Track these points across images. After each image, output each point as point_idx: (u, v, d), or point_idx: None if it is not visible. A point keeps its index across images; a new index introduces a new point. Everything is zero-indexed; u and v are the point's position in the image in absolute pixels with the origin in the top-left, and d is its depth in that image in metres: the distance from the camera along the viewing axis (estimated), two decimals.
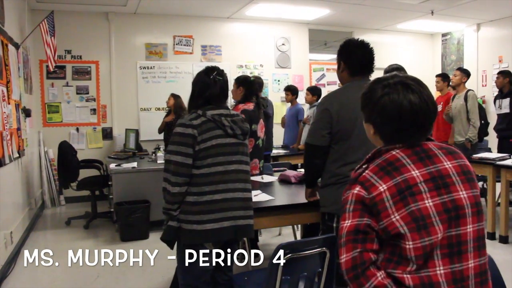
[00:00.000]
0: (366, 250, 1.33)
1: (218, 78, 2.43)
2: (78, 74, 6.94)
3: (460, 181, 1.37)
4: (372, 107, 1.45)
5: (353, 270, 1.32)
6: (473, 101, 5.59)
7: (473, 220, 1.35)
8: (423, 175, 1.34)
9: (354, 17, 7.91)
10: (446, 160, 1.39)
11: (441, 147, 1.44)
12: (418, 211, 1.30)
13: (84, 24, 6.94)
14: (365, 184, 1.36)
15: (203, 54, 7.66)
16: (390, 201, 1.31)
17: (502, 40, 8.16)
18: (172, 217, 2.30)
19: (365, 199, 1.34)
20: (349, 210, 1.37)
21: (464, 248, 1.32)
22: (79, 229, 5.41)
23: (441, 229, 1.30)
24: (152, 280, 3.84)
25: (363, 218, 1.34)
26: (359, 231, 1.34)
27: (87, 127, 7.07)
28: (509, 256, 4.29)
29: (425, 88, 1.42)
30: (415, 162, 1.36)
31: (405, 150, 1.39)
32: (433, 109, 1.41)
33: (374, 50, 2.69)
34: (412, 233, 1.29)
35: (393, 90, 1.40)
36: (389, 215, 1.31)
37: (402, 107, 1.37)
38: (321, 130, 2.56)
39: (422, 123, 1.39)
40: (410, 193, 1.31)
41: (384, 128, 1.44)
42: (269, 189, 3.41)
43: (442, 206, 1.32)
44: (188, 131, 2.26)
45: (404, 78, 1.43)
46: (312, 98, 6.43)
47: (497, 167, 4.64)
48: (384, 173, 1.35)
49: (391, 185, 1.32)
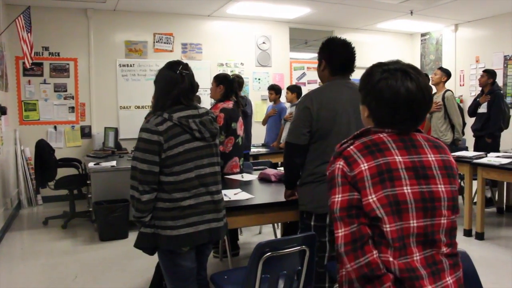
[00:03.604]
0: (362, 223, 1.34)
1: (185, 72, 2.31)
2: (56, 71, 6.83)
3: (440, 175, 1.40)
4: (369, 90, 1.46)
5: (352, 244, 1.34)
6: (451, 102, 5.67)
7: (448, 213, 1.39)
8: (405, 162, 1.37)
9: (335, 16, 7.96)
10: (430, 153, 1.42)
11: (428, 139, 1.47)
12: (393, 196, 1.33)
13: (62, 20, 6.83)
14: (348, 160, 1.38)
15: (184, 52, 7.62)
16: (369, 181, 1.33)
17: (479, 40, 8.32)
18: (145, 224, 2.24)
19: (347, 176, 1.37)
20: (338, 184, 1.38)
21: (437, 237, 1.37)
22: (57, 229, 5.33)
23: (414, 216, 1.34)
24: (132, 279, 3.81)
25: (353, 192, 1.35)
26: (353, 206, 1.35)
27: (65, 125, 6.96)
28: (484, 253, 4.37)
29: (424, 77, 1.43)
30: (400, 149, 1.39)
31: (392, 136, 1.42)
32: (428, 99, 1.43)
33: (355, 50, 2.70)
34: (388, 217, 1.31)
35: (392, 76, 1.41)
36: (367, 195, 1.33)
37: (398, 93, 1.39)
38: (301, 129, 2.56)
39: (416, 111, 1.41)
40: (389, 177, 1.34)
41: (378, 112, 1.45)
42: (249, 188, 3.41)
43: (420, 194, 1.35)
44: (154, 137, 2.15)
45: (404, 66, 1.44)
46: (292, 96, 6.46)
47: (473, 165, 4.73)
48: (368, 152, 1.37)
49: (373, 165, 1.35)
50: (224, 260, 4.16)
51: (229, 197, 2.99)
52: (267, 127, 6.99)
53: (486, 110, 5.90)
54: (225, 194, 2.88)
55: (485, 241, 4.71)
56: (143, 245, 2.28)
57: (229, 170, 3.94)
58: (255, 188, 3.47)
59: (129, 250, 4.40)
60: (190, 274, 2.36)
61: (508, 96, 7.71)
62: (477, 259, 1.85)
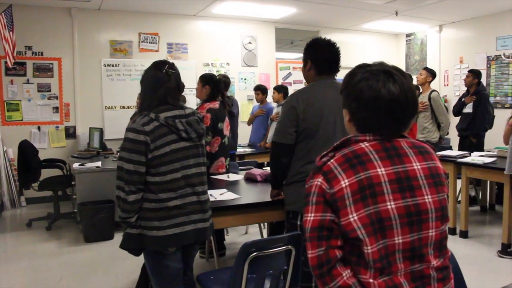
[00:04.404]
0: (331, 247, 1.29)
1: (171, 71, 2.30)
2: (39, 71, 6.73)
3: (427, 185, 1.34)
4: (350, 90, 1.39)
5: (319, 269, 1.29)
6: (438, 102, 5.73)
7: (436, 225, 1.33)
8: (388, 174, 1.29)
9: (321, 17, 7.98)
10: (415, 161, 1.35)
11: (413, 145, 1.39)
12: (375, 214, 1.26)
13: (46, 19, 6.73)
14: (328, 176, 1.30)
15: (169, 52, 7.58)
16: (350, 198, 1.26)
17: (463, 41, 8.43)
18: (131, 225, 2.22)
19: (326, 194, 1.29)
20: (312, 203, 1.32)
21: (425, 250, 1.31)
22: (41, 230, 5.26)
23: (399, 232, 1.27)
24: (117, 281, 3.78)
25: (327, 213, 1.29)
26: (324, 227, 1.29)
27: (49, 126, 6.86)
28: (468, 250, 4.43)
29: (408, 80, 1.37)
30: (383, 159, 1.32)
31: (375, 145, 1.34)
32: (412, 103, 1.35)
33: (340, 50, 2.71)
34: (369, 238, 1.25)
35: (373, 77, 1.34)
36: (347, 214, 1.26)
37: (379, 95, 1.32)
38: (288, 128, 2.56)
39: (398, 115, 1.34)
40: (371, 193, 1.27)
41: (359, 114, 1.37)
42: (235, 188, 3.41)
43: (405, 209, 1.28)
44: (140, 137, 2.14)
45: (388, 67, 1.38)
46: (279, 96, 6.47)
47: (458, 164, 4.78)
48: (349, 166, 1.29)
49: (354, 181, 1.27)
50: (211, 261, 4.15)
51: (215, 197, 2.98)
52: (253, 127, 6.99)
53: (472, 110, 5.97)
54: (211, 194, 2.88)
55: (469, 239, 4.76)
56: (129, 246, 2.27)
57: (215, 170, 3.93)
58: (241, 188, 3.47)
59: (114, 251, 4.36)
60: (177, 274, 2.35)
61: (491, 96, 7.81)
62: (461, 256, 1.87)
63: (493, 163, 4.54)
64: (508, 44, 7.62)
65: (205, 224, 2.35)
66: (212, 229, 2.45)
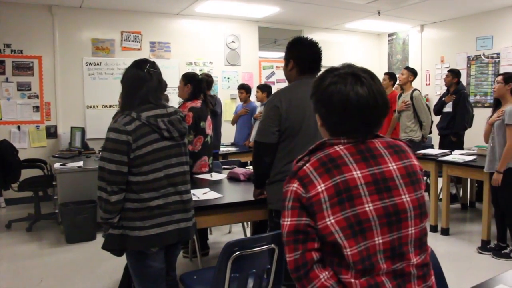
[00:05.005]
0: (307, 250, 1.29)
1: (153, 70, 2.28)
2: (19, 69, 6.61)
3: (403, 184, 1.34)
4: (319, 96, 1.39)
5: (296, 272, 1.30)
6: (420, 101, 5.80)
7: (415, 223, 1.34)
8: (364, 177, 1.29)
9: (304, 16, 8.01)
10: (391, 161, 1.35)
11: (388, 145, 1.39)
12: (354, 217, 1.26)
13: (25, 17, 6.61)
14: (304, 181, 1.29)
15: (152, 51, 7.52)
16: (327, 202, 1.26)
17: (444, 41, 8.54)
18: (113, 226, 2.20)
19: (302, 198, 1.29)
20: (288, 208, 1.32)
21: (405, 249, 1.32)
22: (21, 232, 5.18)
23: (379, 233, 1.28)
24: (100, 282, 3.74)
25: (302, 217, 1.29)
26: (299, 231, 1.29)
27: (29, 125, 6.75)
28: (449, 247, 4.49)
29: (377, 82, 1.36)
30: (358, 162, 1.31)
31: (349, 148, 1.34)
32: (382, 104, 1.34)
33: (323, 49, 2.73)
34: (348, 240, 1.25)
35: (341, 80, 1.33)
36: (324, 217, 1.26)
37: (348, 98, 1.31)
38: (271, 127, 2.56)
39: (368, 117, 1.33)
40: (348, 197, 1.26)
41: (329, 119, 1.38)
42: (218, 187, 3.40)
43: (383, 210, 1.28)
44: (122, 137, 2.11)
45: (356, 70, 1.37)
46: (262, 95, 6.47)
47: (439, 162, 4.85)
48: (324, 170, 1.29)
49: (330, 185, 1.27)
50: (194, 260, 4.14)
51: (198, 196, 2.97)
52: (237, 126, 6.98)
53: (451, 109, 6.05)
54: (194, 194, 2.87)
55: (450, 236, 4.83)
56: (111, 247, 2.25)
57: (198, 170, 3.92)
58: (224, 187, 3.46)
59: (97, 252, 4.31)
60: (159, 274, 2.33)
61: (471, 95, 7.94)
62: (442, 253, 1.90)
63: (473, 161, 4.61)
64: (487, 44, 7.75)
65: (188, 224, 2.34)
66: (195, 229, 2.44)
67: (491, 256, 4.18)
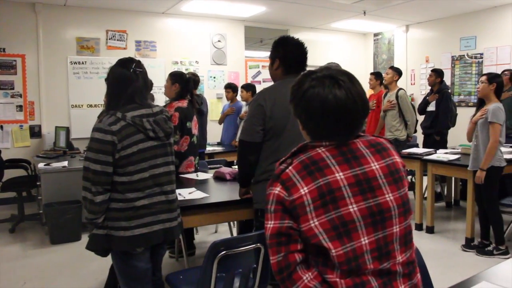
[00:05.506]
0: (290, 252, 1.30)
1: (138, 70, 2.27)
2: (1, 68, 6.50)
3: (386, 183, 1.34)
4: (298, 101, 1.37)
5: (279, 274, 1.31)
6: (405, 100, 5.85)
7: (399, 221, 1.34)
8: (347, 178, 1.29)
9: (290, 15, 8.03)
10: (373, 161, 1.35)
11: (370, 144, 1.39)
12: (338, 218, 1.26)
13: (8, 14, 6.50)
14: (286, 184, 1.29)
15: (137, 50, 7.47)
16: (310, 205, 1.26)
17: (429, 41, 8.63)
18: (98, 226, 2.18)
19: (285, 201, 1.29)
20: (271, 211, 1.32)
21: (391, 247, 1.32)
22: (4, 233, 5.11)
23: (364, 233, 1.28)
24: (85, 283, 3.71)
25: (284, 220, 1.29)
26: (282, 233, 1.30)
27: (12, 125, 6.65)
28: (434, 245, 4.53)
29: (356, 84, 1.35)
30: (340, 164, 1.31)
31: (331, 150, 1.34)
32: (361, 107, 1.34)
33: (309, 48, 2.73)
34: (333, 242, 1.25)
35: (319, 84, 1.33)
36: (308, 220, 1.26)
37: (326, 102, 1.30)
38: (255, 126, 2.56)
39: (347, 120, 1.33)
40: (331, 199, 1.26)
41: (309, 124, 1.38)
42: (204, 187, 3.39)
43: (367, 210, 1.29)
44: (107, 137, 2.09)
45: (334, 72, 1.35)
46: (247, 95, 6.48)
47: (424, 161, 4.90)
48: (307, 173, 1.29)
49: (313, 188, 1.27)
50: (180, 260, 4.12)
51: (184, 196, 2.96)
52: (224, 125, 6.97)
53: (435, 108, 6.11)
54: (179, 193, 2.86)
55: (435, 234, 4.88)
56: (96, 247, 2.23)
57: (184, 169, 3.90)
58: (210, 187, 3.45)
59: (82, 252, 4.26)
60: (145, 275, 2.32)
61: (455, 95, 8.03)
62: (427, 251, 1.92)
63: (457, 160, 4.66)
64: (471, 44, 7.85)
65: (174, 223, 2.33)
66: (181, 228, 2.43)
67: (475, 254, 4.23)
